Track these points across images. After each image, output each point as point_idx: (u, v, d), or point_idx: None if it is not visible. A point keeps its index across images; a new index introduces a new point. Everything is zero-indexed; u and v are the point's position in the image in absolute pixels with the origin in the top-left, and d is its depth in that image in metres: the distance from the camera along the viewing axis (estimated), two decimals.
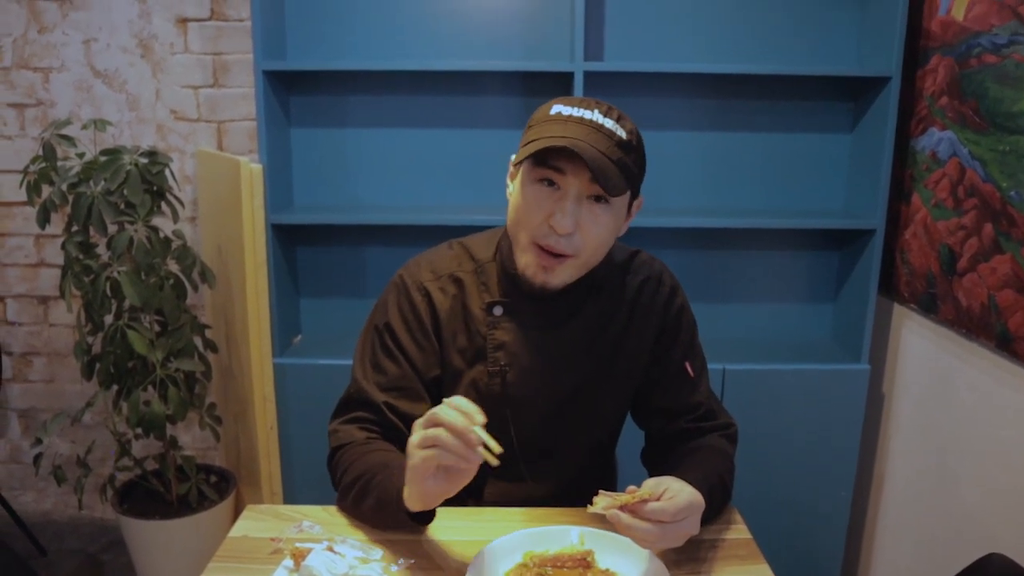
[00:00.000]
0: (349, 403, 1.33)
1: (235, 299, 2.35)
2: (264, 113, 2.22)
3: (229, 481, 2.57)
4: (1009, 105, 1.77)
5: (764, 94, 2.43)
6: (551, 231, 1.17)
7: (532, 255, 1.20)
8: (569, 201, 1.15)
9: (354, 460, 1.23)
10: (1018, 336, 1.73)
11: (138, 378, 2.28)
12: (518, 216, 1.21)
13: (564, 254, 1.19)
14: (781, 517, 2.34)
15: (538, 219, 1.17)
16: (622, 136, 1.16)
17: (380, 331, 1.32)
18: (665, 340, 1.38)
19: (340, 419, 1.32)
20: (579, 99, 1.19)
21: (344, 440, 1.28)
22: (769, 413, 2.29)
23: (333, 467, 1.29)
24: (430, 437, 1.00)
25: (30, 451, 2.94)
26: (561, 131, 1.14)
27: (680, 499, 1.06)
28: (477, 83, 2.43)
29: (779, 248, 2.54)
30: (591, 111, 1.16)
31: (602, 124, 1.15)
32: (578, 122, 1.15)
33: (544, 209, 1.17)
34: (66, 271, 2.22)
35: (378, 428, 1.29)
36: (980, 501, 1.90)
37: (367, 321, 1.37)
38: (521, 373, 1.32)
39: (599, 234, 1.19)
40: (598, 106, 1.17)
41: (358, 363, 1.34)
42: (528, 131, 1.21)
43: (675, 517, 1.04)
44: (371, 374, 1.31)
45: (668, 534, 1.05)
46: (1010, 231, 1.76)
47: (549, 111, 1.19)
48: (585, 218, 1.17)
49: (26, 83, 2.62)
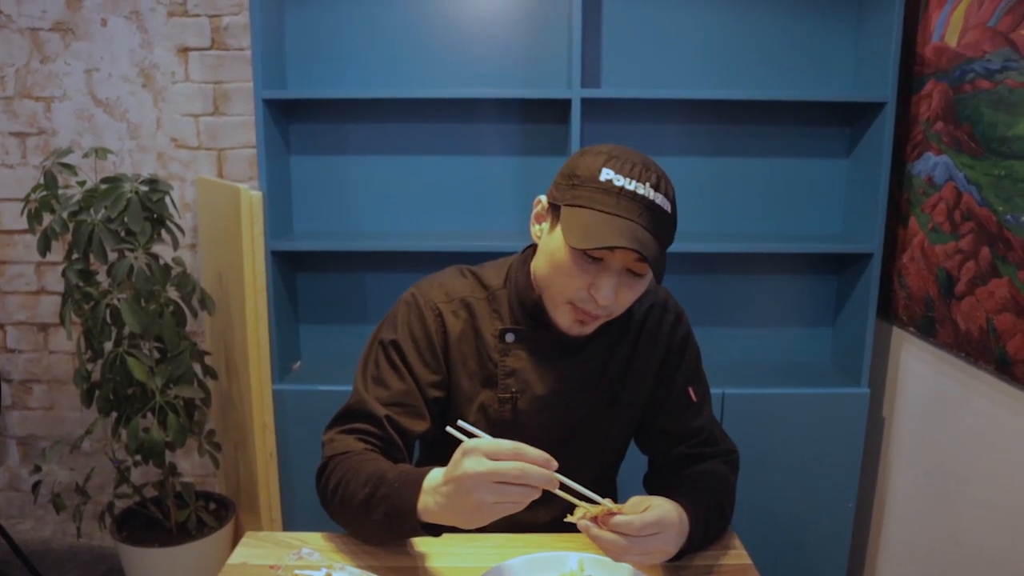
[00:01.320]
0: (348, 415, 1.31)
1: (235, 325, 2.35)
2: (264, 141, 2.24)
3: (228, 508, 2.56)
4: (1004, 130, 1.78)
5: (761, 119, 2.44)
6: (590, 299, 1.19)
7: (569, 313, 1.23)
8: (612, 275, 1.17)
9: (356, 469, 1.19)
10: (1017, 360, 1.73)
11: (137, 405, 2.28)
12: (556, 277, 1.21)
13: (600, 316, 1.22)
14: (782, 541, 2.33)
15: (577, 286, 1.19)
16: (668, 211, 1.17)
17: (386, 346, 1.32)
18: (669, 366, 1.38)
19: (337, 429, 1.30)
20: (629, 163, 1.16)
21: (340, 449, 1.25)
22: (768, 437, 2.29)
23: (327, 475, 1.25)
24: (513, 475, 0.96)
25: (29, 479, 2.92)
26: (615, 207, 1.13)
27: (650, 514, 1.05)
28: (475, 110, 2.45)
29: (777, 272, 2.55)
30: (643, 185, 1.15)
31: (652, 200, 1.14)
32: (631, 198, 1.14)
33: (586, 278, 1.18)
34: (66, 298, 2.23)
35: (376, 441, 1.27)
36: (981, 524, 1.89)
37: (372, 335, 1.36)
38: (532, 400, 1.32)
39: (633, 298, 1.23)
40: (647, 176, 1.16)
41: (360, 375, 1.33)
42: (573, 190, 1.18)
43: (641, 531, 1.04)
44: (373, 387, 1.30)
45: (635, 547, 1.04)
46: (1007, 255, 1.77)
47: (599, 174, 1.16)
48: (623, 288, 1.20)
49: (28, 112, 2.64)
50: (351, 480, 1.19)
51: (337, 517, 1.26)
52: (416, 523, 1.09)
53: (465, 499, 0.99)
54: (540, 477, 0.97)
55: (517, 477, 0.96)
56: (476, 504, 0.98)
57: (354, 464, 1.21)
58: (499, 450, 0.98)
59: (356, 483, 1.18)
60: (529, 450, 0.98)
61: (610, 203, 1.14)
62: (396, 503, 1.11)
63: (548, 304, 1.26)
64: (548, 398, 1.32)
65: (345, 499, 1.20)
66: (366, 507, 1.16)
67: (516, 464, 0.97)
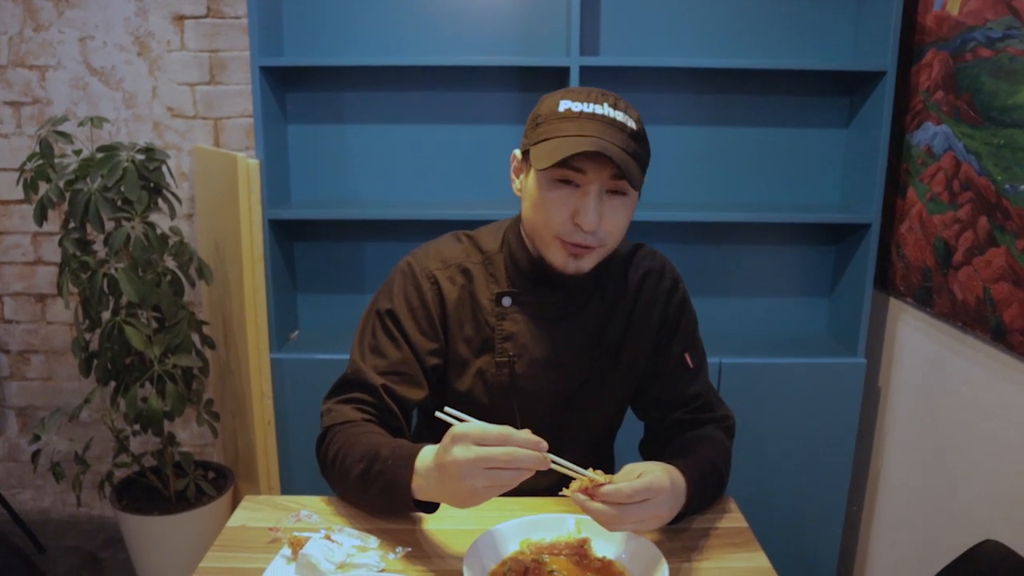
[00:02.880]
0: (346, 384, 1.32)
1: (232, 295, 2.35)
2: (261, 109, 2.22)
3: (227, 477, 2.58)
4: (1004, 99, 1.78)
5: (760, 89, 2.43)
6: (576, 228, 1.19)
7: (560, 250, 1.22)
8: (592, 198, 1.17)
9: (352, 442, 1.21)
10: (1013, 329, 1.74)
11: (135, 374, 2.28)
12: (540, 215, 1.22)
13: (591, 246, 1.21)
14: (778, 509, 2.35)
15: (562, 218, 1.19)
16: (633, 127, 1.18)
17: (383, 315, 1.32)
18: (666, 331, 1.39)
19: (335, 399, 1.31)
20: (585, 91, 1.19)
21: (338, 419, 1.27)
22: (765, 407, 2.30)
23: (325, 445, 1.27)
24: (502, 460, 0.97)
25: (28, 449, 2.94)
26: (576, 129, 1.15)
27: (639, 482, 1.06)
28: (473, 78, 2.44)
29: (775, 243, 2.55)
30: (601, 105, 1.17)
31: (614, 118, 1.16)
32: (590, 118, 1.16)
33: (568, 207, 1.19)
34: (63, 268, 2.22)
35: (374, 410, 1.28)
36: (975, 492, 1.91)
37: (370, 304, 1.37)
38: (529, 364, 1.32)
39: (620, 223, 1.23)
40: (605, 98, 1.18)
41: (357, 345, 1.34)
42: (537, 129, 1.21)
43: (631, 498, 1.04)
44: (370, 357, 1.31)
45: (627, 515, 1.04)
46: (1005, 224, 1.77)
47: (557, 107, 1.19)
48: (607, 211, 1.19)
49: (22, 81, 2.62)
50: (347, 454, 1.21)
51: (336, 489, 1.28)
52: (410, 502, 1.12)
53: (456, 485, 1.00)
54: (529, 460, 0.98)
55: (507, 462, 0.97)
56: (468, 490, 1.00)
57: (350, 437, 1.22)
58: (487, 435, 0.99)
59: (352, 458, 1.20)
60: (517, 434, 0.99)
61: (572, 128, 1.16)
62: (390, 481, 1.13)
63: (540, 247, 1.26)
64: (545, 362, 1.33)
65: (343, 473, 1.22)
66: (362, 482, 1.18)
67: (505, 449, 0.98)
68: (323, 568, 1.08)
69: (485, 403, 1.34)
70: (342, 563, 1.11)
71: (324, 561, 1.09)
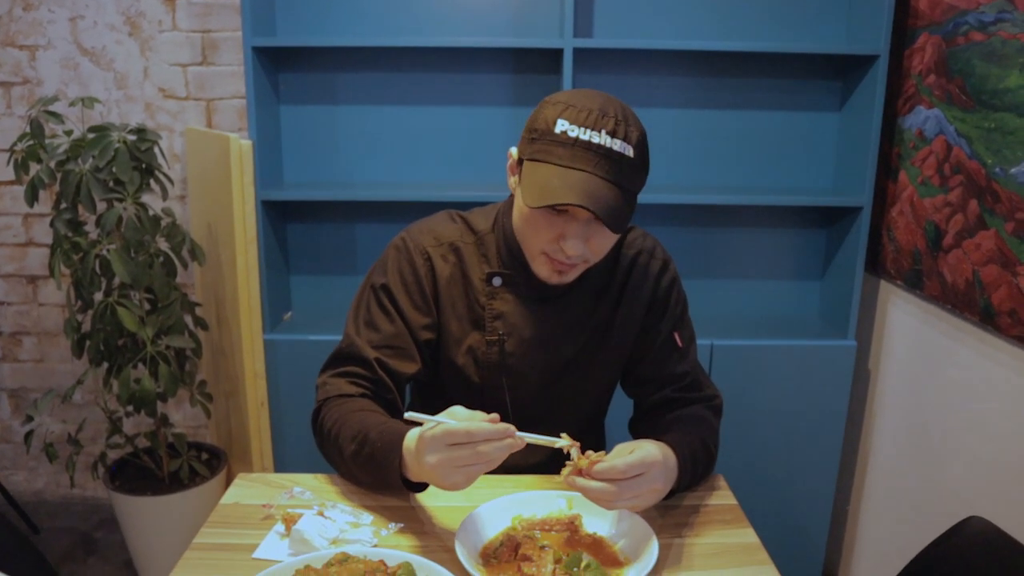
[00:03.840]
0: (340, 357, 1.34)
1: (225, 276, 2.35)
2: (253, 90, 2.21)
3: (220, 458, 2.58)
4: (995, 82, 1.78)
5: (753, 72, 2.43)
6: (560, 250, 1.20)
7: (545, 264, 1.24)
8: (578, 227, 1.18)
9: (345, 420, 1.23)
10: (1001, 311, 1.76)
11: (128, 355, 2.28)
12: (526, 231, 1.23)
13: (576, 264, 1.23)
14: (769, 489, 2.37)
15: (547, 239, 1.20)
16: (630, 156, 1.14)
17: (377, 290, 1.34)
18: (655, 311, 1.40)
19: (330, 372, 1.33)
20: (586, 111, 1.14)
21: (332, 393, 1.29)
22: (757, 388, 2.31)
23: (320, 419, 1.29)
24: (468, 458, 1.02)
25: (20, 430, 2.94)
26: (570, 160, 1.13)
27: (633, 456, 1.07)
28: (467, 60, 2.43)
29: (768, 225, 2.56)
30: (599, 133, 1.12)
31: (610, 148, 1.13)
32: (585, 148, 1.12)
33: (555, 230, 1.19)
34: (55, 249, 2.22)
35: (368, 383, 1.30)
36: (963, 472, 1.93)
37: (365, 279, 1.38)
38: (519, 343, 1.34)
39: (606, 244, 1.24)
40: (604, 123, 1.13)
41: (352, 319, 1.36)
42: (532, 144, 1.18)
43: (625, 473, 1.06)
44: (364, 331, 1.33)
45: (625, 491, 1.06)
46: (994, 207, 1.78)
47: (554, 126, 1.15)
48: (593, 235, 1.20)
49: (12, 61, 2.60)
50: (340, 432, 1.23)
51: (331, 463, 1.30)
52: (399, 484, 1.14)
53: (440, 482, 1.05)
54: (497, 451, 1.02)
55: (474, 459, 1.01)
56: (450, 484, 1.04)
57: (344, 415, 1.24)
58: (454, 435, 1.02)
59: (344, 437, 1.22)
60: (481, 427, 1.02)
61: (565, 155, 1.13)
62: (380, 463, 1.15)
63: (527, 255, 1.28)
64: (534, 341, 1.34)
65: (337, 450, 1.24)
66: (355, 461, 1.21)
67: (470, 449, 1.01)
68: (316, 543, 1.09)
69: (476, 380, 1.35)
70: (335, 539, 1.12)
71: (317, 537, 1.10)
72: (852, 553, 2.48)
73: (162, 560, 2.41)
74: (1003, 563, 1.09)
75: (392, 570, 0.99)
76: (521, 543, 1.08)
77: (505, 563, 1.06)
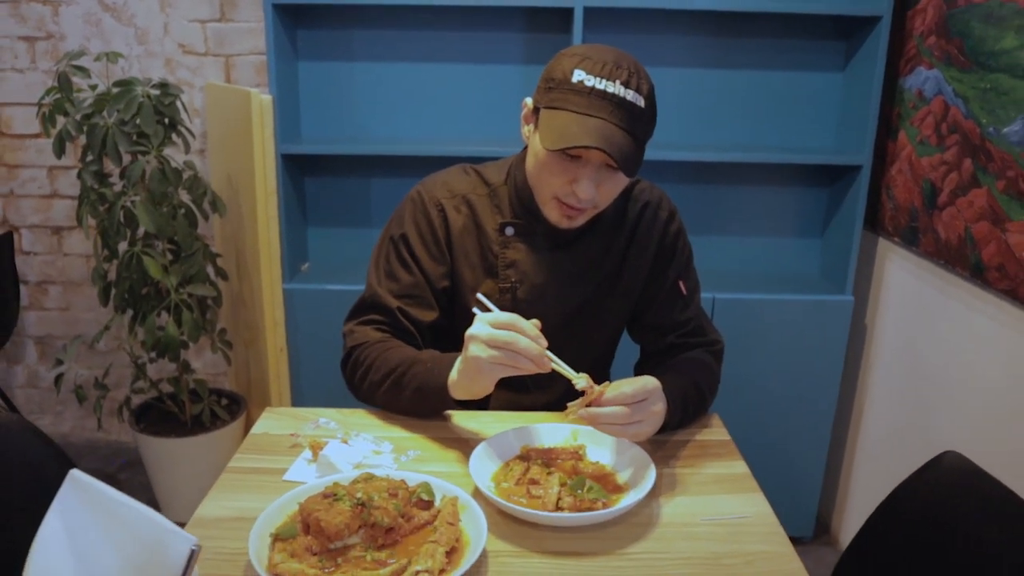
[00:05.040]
0: (363, 307, 1.44)
1: (245, 227, 2.44)
2: (273, 46, 2.28)
3: (239, 403, 2.70)
4: (992, 44, 1.84)
5: (760, 32, 2.48)
6: (572, 194, 1.28)
7: (556, 208, 1.32)
8: (590, 171, 1.26)
9: (379, 356, 1.35)
10: (991, 266, 1.83)
11: (152, 303, 2.38)
12: (540, 176, 1.31)
13: (585, 209, 1.31)
14: (768, 437, 2.48)
15: (560, 183, 1.28)
16: (641, 107, 1.22)
17: (396, 241, 1.43)
18: (662, 260, 1.48)
19: (355, 321, 1.44)
20: (600, 62, 1.21)
21: (360, 340, 1.40)
22: (757, 341, 2.40)
23: (352, 364, 1.40)
24: (503, 341, 1.12)
25: (47, 376, 3.06)
26: (586, 106, 1.20)
27: (637, 383, 1.18)
28: (480, 18, 2.48)
29: (771, 183, 2.63)
30: (613, 83, 1.20)
31: (623, 98, 1.20)
32: (601, 96, 1.20)
33: (567, 175, 1.27)
34: (82, 200, 2.30)
35: (391, 330, 1.41)
36: (950, 422, 2.02)
37: (383, 231, 1.47)
38: (530, 289, 1.43)
39: (615, 190, 1.32)
40: (618, 73, 1.20)
41: (373, 270, 1.45)
42: (549, 92, 1.25)
43: (635, 397, 1.16)
44: (385, 281, 1.43)
45: (636, 414, 1.16)
46: (987, 166, 1.85)
47: (571, 76, 1.22)
48: (603, 181, 1.28)
49: (36, 16, 2.67)
50: (382, 364, 1.35)
51: (366, 397, 1.41)
52: (448, 398, 1.26)
53: (473, 374, 1.18)
54: (530, 348, 1.12)
55: (509, 344, 1.12)
56: (480, 375, 1.16)
57: (384, 351, 1.36)
58: (500, 319, 1.15)
59: (387, 366, 1.34)
60: (525, 324, 1.14)
61: (582, 103, 1.21)
62: (428, 380, 1.28)
63: (538, 200, 1.36)
64: (545, 288, 1.43)
65: (376, 381, 1.36)
66: (398, 385, 1.32)
67: (510, 336, 1.13)
68: (341, 467, 1.19)
69: None
70: (358, 463, 1.22)
71: (343, 461, 1.20)
72: (846, 498, 2.59)
73: (186, 499, 2.54)
74: (974, 493, 1.19)
75: (413, 488, 1.09)
76: (529, 467, 1.18)
77: (516, 486, 1.15)
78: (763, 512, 1.15)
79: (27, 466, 1.23)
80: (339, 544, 1.00)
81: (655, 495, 1.17)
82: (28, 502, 1.11)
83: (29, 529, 0.83)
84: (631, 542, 1.07)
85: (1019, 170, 1.74)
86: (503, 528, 1.08)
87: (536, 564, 1.02)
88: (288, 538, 1.00)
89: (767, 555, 1.06)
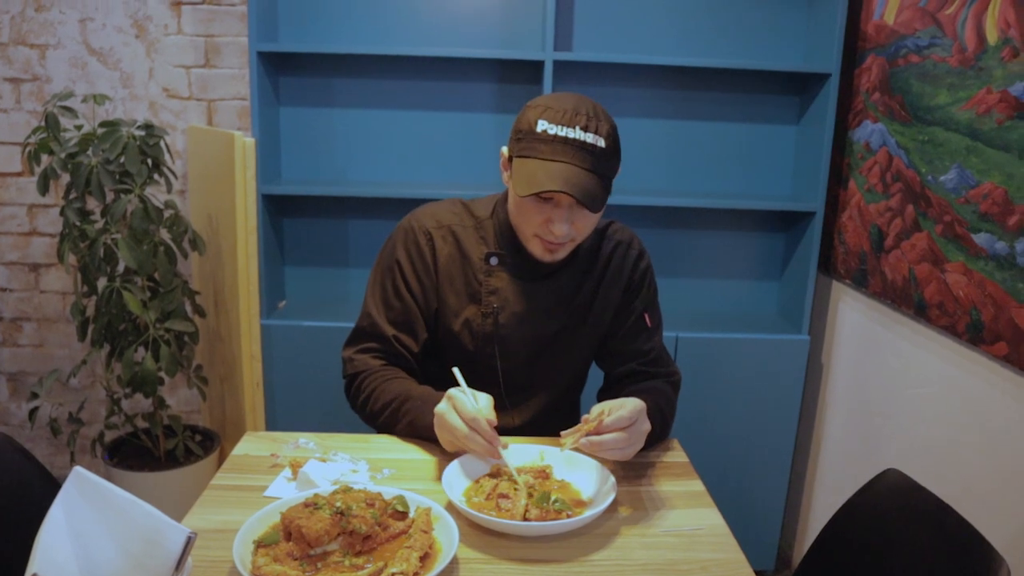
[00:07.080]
0: (362, 335, 1.57)
1: (225, 264, 2.50)
2: (257, 91, 2.38)
3: (213, 439, 2.73)
4: (928, 100, 1.99)
5: (720, 86, 2.64)
6: (550, 232, 1.40)
7: (538, 245, 1.44)
8: (563, 211, 1.37)
9: (378, 387, 1.49)
10: (931, 304, 1.96)
11: (130, 338, 2.42)
12: (519, 217, 1.44)
13: (564, 244, 1.43)
14: (728, 470, 2.56)
15: (537, 223, 1.41)
16: (603, 147, 1.34)
17: (389, 269, 1.55)
18: (630, 292, 1.60)
19: (354, 348, 1.56)
20: (561, 110, 1.33)
21: (361, 368, 1.53)
22: (718, 378, 2.50)
23: (355, 391, 1.54)
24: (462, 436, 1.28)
25: (18, 413, 3.06)
26: (551, 153, 1.32)
27: (628, 405, 1.27)
28: (455, 69, 2.61)
29: (731, 228, 2.76)
30: (573, 129, 1.32)
31: (584, 141, 1.33)
32: (563, 142, 1.32)
33: (542, 215, 1.39)
34: (64, 237, 2.36)
35: (387, 357, 1.54)
36: (897, 453, 2.13)
37: (376, 261, 1.59)
38: (510, 316, 1.53)
39: (589, 225, 1.44)
40: (577, 119, 1.33)
41: (370, 297, 1.57)
42: (519, 142, 1.38)
43: (631, 419, 1.26)
44: (382, 309, 1.54)
45: (634, 436, 1.27)
46: (927, 211, 1.98)
47: (536, 126, 1.34)
48: (576, 218, 1.40)
49: (23, 59, 2.75)
50: (380, 395, 1.49)
51: (367, 420, 1.56)
52: (433, 432, 1.37)
53: (437, 431, 1.34)
54: (478, 448, 1.28)
55: (459, 435, 1.28)
56: (440, 438, 1.33)
57: (381, 381, 1.50)
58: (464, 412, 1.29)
59: (385, 397, 1.48)
60: (481, 423, 1.27)
61: (547, 151, 1.33)
62: (418, 417, 1.42)
63: (521, 238, 1.48)
64: (524, 315, 1.53)
65: (376, 411, 1.50)
66: (394, 416, 1.47)
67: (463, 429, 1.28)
68: (320, 483, 1.26)
69: (470, 348, 1.54)
70: (337, 480, 1.28)
71: (321, 478, 1.27)
72: (806, 530, 2.67)
73: None
74: (911, 507, 1.28)
75: (389, 501, 1.16)
76: (499, 481, 1.25)
77: (486, 500, 1.23)
78: (717, 524, 1.24)
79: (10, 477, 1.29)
80: (319, 550, 1.07)
81: (616, 508, 1.25)
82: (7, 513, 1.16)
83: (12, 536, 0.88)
84: (593, 550, 1.15)
85: (955, 215, 1.87)
86: (474, 538, 1.16)
87: (505, 570, 1.09)
88: (271, 544, 1.06)
89: (720, 562, 1.14)
